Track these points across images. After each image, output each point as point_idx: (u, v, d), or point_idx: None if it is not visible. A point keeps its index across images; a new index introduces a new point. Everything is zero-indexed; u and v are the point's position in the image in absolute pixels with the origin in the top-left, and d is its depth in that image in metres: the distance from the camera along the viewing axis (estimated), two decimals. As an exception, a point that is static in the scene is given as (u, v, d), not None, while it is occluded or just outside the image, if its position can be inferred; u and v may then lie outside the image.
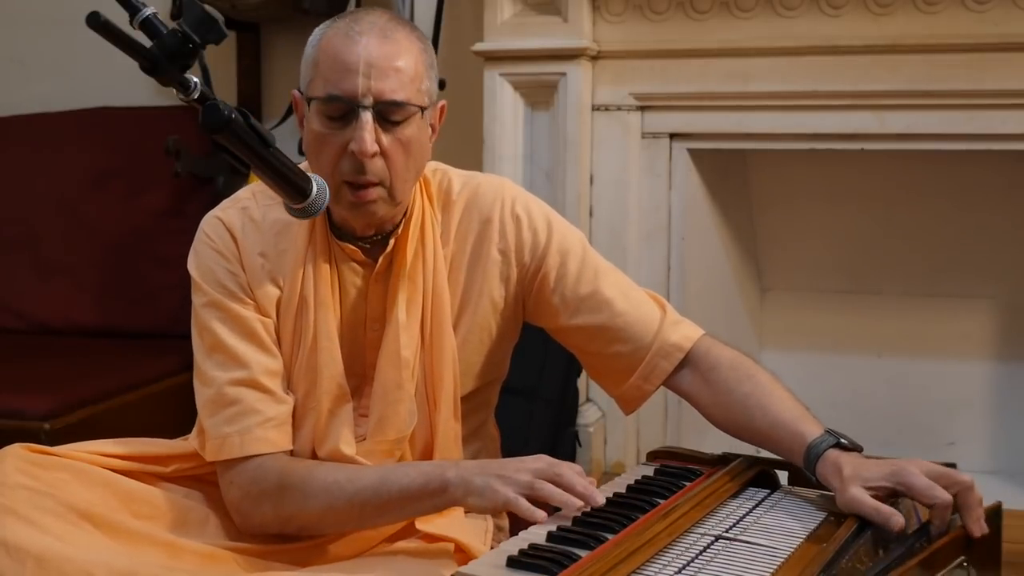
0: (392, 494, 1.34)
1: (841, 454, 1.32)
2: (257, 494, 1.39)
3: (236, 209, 1.48)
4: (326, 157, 1.37)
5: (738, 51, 2.52)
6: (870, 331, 2.90)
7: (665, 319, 1.51)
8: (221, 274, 1.44)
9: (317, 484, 1.36)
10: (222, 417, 1.40)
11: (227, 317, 1.43)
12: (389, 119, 1.36)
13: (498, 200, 1.51)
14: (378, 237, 1.46)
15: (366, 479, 1.36)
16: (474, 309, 1.50)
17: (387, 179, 1.37)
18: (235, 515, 1.42)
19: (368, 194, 1.37)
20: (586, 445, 2.64)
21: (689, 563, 1.12)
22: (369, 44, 1.35)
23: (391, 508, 1.35)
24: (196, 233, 1.48)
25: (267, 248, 1.45)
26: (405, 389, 1.43)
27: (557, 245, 1.51)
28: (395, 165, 1.37)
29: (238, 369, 1.41)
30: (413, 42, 1.40)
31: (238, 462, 1.39)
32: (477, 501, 1.30)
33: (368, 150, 1.34)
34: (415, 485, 1.33)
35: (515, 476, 1.28)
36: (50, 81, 3.34)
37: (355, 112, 1.34)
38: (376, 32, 1.36)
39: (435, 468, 1.35)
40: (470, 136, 2.62)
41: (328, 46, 1.37)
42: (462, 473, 1.31)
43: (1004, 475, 2.70)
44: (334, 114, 1.36)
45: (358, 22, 1.37)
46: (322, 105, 1.36)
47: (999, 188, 2.71)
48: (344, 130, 1.35)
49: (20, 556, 1.22)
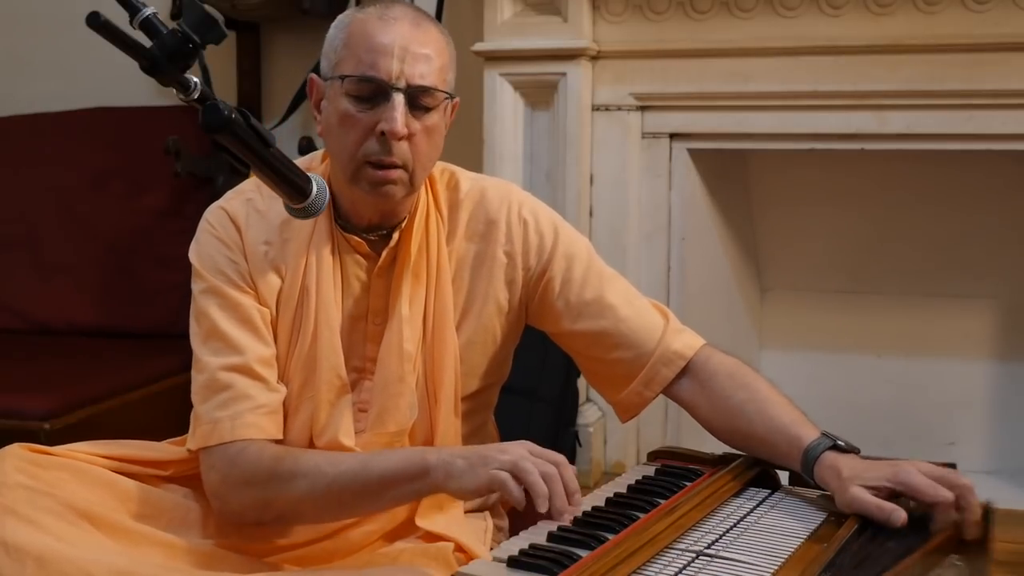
0: (372, 478, 1.32)
1: (839, 456, 1.32)
2: (236, 478, 1.37)
3: (240, 200, 1.48)
4: (352, 137, 1.37)
5: (738, 51, 2.52)
6: (870, 331, 2.90)
7: (668, 327, 1.51)
8: (221, 261, 1.44)
9: (297, 468, 1.35)
10: (215, 402, 1.40)
11: (224, 303, 1.43)
12: (419, 104, 1.38)
13: (505, 203, 1.51)
14: (383, 231, 1.46)
15: (347, 463, 1.35)
16: (479, 311, 1.50)
17: (410, 163, 1.38)
18: (213, 501, 1.40)
19: (391, 174, 1.38)
20: (586, 445, 2.64)
21: (689, 563, 1.12)
22: (403, 29, 1.37)
23: (371, 493, 1.33)
24: (199, 223, 1.48)
25: (271, 237, 1.45)
26: (406, 382, 1.43)
27: (563, 250, 1.51)
28: (419, 150, 1.39)
29: (232, 355, 1.41)
30: (441, 33, 1.43)
31: (221, 447, 1.38)
32: (458, 484, 1.27)
33: (400, 131, 1.35)
34: (396, 468, 1.31)
35: (498, 456, 1.25)
36: (50, 81, 3.34)
37: (386, 94, 1.35)
38: (409, 20, 1.39)
39: (416, 452, 1.34)
40: (470, 136, 2.62)
41: (361, 28, 1.38)
42: (443, 456, 1.29)
43: (1004, 475, 2.70)
44: (365, 94, 1.37)
45: (390, 9, 1.40)
46: (354, 85, 1.37)
47: (999, 188, 2.71)
48: (373, 111, 1.36)
49: (20, 556, 1.22)
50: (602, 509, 1.26)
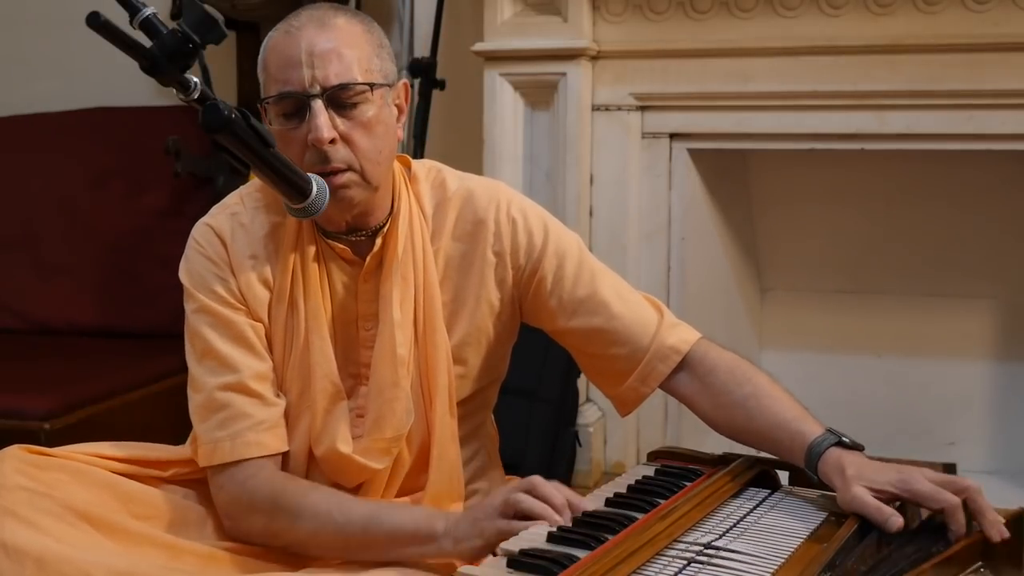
0: (380, 534, 1.33)
1: (844, 453, 1.32)
2: (247, 504, 1.39)
3: (225, 215, 1.48)
4: (293, 154, 1.37)
5: (738, 51, 2.52)
6: (870, 331, 2.90)
7: (662, 322, 1.51)
8: (211, 280, 1.44)
9: (308, 509, 1.36)
10: (213, 422, 1.40)
11: (217, 322, 1.43)
12: (342, 103, 1.37)
13: (493, 202, 1.50)
14: (364, 233, 1.46)
15: (356, 512, 1.35)
16: (471, 312, 1.49)
17: (355, 163, 1.38)
18: (224, 519, 1.42)
19: (338, 179, 1.37)
20: (586, 445, 2.64)
21: (689, 563, 1.12)
22: (308, 35, 1.36)
23: (377, 547, 1.34)
24: (187, 241, 1.48)
25: (257, 250, 1.45)
26: (401, 387, 1.43)
27: (554, 247, 1.50)
28: (359, 148, 1.38)
29: (228, 374, 1.41)
30: (354, 24, 1.41)
31: (228, 467, 1.39)
32: (469, 545, 1.27)
33: (324, 137, 1.34)
34: (405, 530, 1.32)
35: (491, 502, 1.27)
36: (50, 81, 3.34)
37: (306, 103, 1.35)
38: (314, 23, 1.38)
39: (426, 517, 1.33)
40: (470, 136, 2.62)
41: (272, 47, 1.39)
42: (450, 523, 1.30)
43: (1004, 475, 2.70)
44: (289, 111, 1.37)
45: (296, 17, 1.39)
46: (276, 104, 1.38)
47: (999, 188, 2.71)
48: (301, 124, 1.36)
49: (19, 557, 1.22)
50: (602, 509, 1.26)
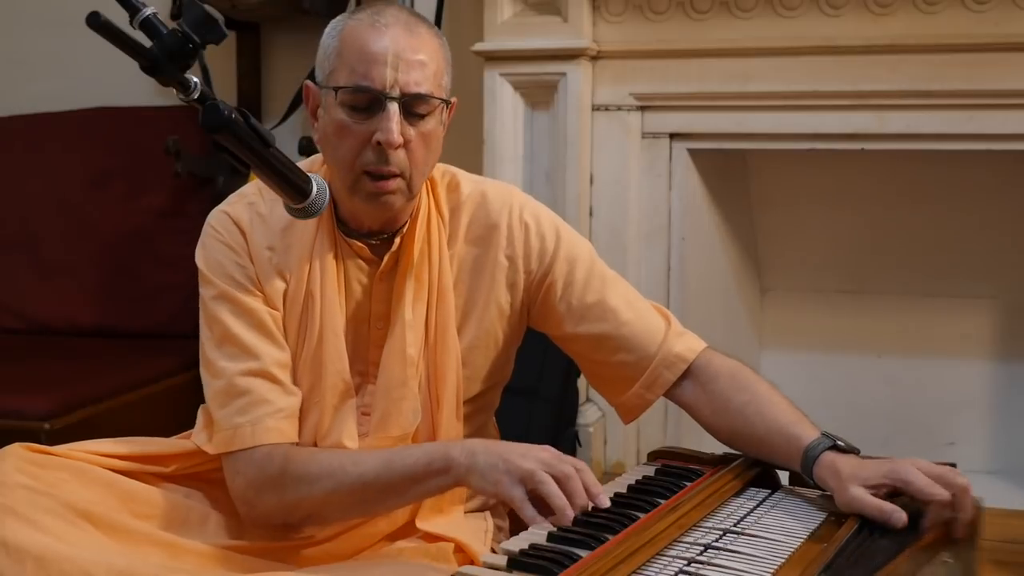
0: (395, 475, 1.34)
1: (838, 456, 1.33)
2: (262, 482, 1.39)
3: (243, 204, 1.48)
4: (347, 147, 1.37)
5: (738, 51, 2.52)
6: (870, 331, 2.90)
7: (670, 330, 1.52)
8: (230, 266, 1.44)
9: (321, 468, 1.37)
10: (234, 408, 1.40)
11: (237, 309, 1.43)
12: (414, 112, 1.37)
13: (506, 206, 1.51)
14: (385, 235, 1.46)
15: (370, 462, 1.36)
16: (481, 315, 1.49)
17: (407, 171, 1.38)
18: (240, 505, 1.42)
19: (388, 184, 1.37)
20: (586, 445, 2.64)
21: (689, 563, 1.12)
22: (396, 36, 1.35)
23: (395, 490, 1.35)
24: (203, 228, 1.48)
25: (274, 242, 1.45)
26: (409, 387, 1.44)
27: (565, 253, 1.51)
28: (416, 158, 1.38)
29: (249, 360, 1.41)
30: (434, 37, 1.41)
31: (246, 452, 1.39)
32: (480, 482, 1.29)
33: (395, 141, 1.34)
34: (419, 465, 1.33)
35: (520, 463, 1.27)
36: (50, 81, 3.34)
37: (381, 103, 1.35)
38: (401, 25, 1.37)
39: (439, 447, 1.36)
40: (470, 136, 2.62)
41: (353, 36, 1.37)
42: (467, 451, 1.31)
43: (1004, 475, 2.70)
44: (360, 104, 1.36)
45: (382, 15, 1.38)
46: (348, 95, 1.36)
47: (999, 188, 2.71)
48: (368, 120, 1.36)
49: (20, 556, 1.22)
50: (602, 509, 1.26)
